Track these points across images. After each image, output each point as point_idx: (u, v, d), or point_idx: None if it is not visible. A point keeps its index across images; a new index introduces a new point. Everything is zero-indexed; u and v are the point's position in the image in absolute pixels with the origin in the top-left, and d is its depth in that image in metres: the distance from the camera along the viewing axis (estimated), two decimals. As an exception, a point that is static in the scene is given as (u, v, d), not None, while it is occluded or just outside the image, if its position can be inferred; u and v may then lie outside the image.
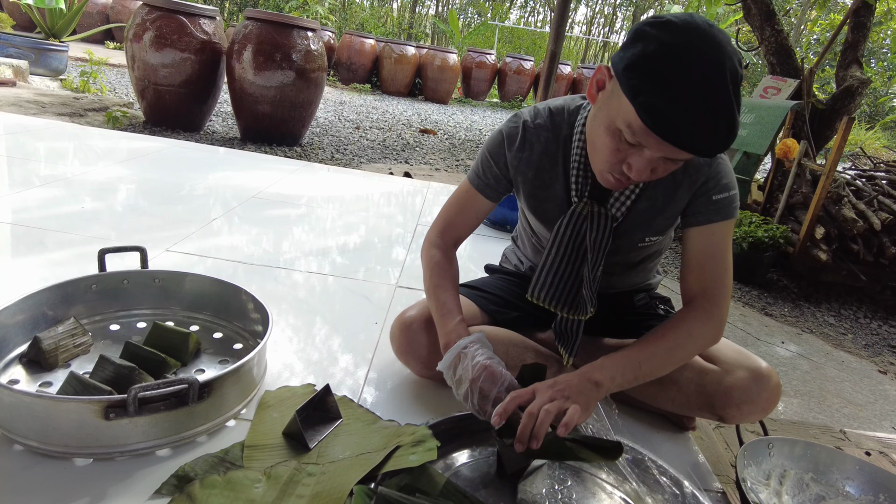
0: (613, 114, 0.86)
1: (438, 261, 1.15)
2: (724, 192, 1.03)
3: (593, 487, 0.97)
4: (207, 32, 3.81)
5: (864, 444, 1.59)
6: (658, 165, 0.88)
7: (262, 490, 0.85)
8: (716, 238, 1.04)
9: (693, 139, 0.80)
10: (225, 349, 1.21)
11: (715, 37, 0.80)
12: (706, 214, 1.04)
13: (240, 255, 1.80)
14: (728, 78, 0.79)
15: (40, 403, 0.85)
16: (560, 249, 1.08)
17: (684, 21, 0.81)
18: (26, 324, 1.08)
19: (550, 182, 1.10)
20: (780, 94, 3.73)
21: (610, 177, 0.94)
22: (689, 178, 1.03)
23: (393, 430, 1.01)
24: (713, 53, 0.79)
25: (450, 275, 1.14)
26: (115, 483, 0.84)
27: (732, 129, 0.81)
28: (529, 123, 1.10)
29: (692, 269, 1.05)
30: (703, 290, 1.03)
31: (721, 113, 0.80)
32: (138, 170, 2.58)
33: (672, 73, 0.79)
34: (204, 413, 0.94)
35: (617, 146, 0.88)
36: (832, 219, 2.99)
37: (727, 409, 1.09)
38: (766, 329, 2.37)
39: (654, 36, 0.81)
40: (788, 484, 1.10)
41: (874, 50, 14.48)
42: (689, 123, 0.79)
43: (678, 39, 0.80)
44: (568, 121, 1.08)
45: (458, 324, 1.05)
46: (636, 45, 0.82)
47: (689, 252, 1.06)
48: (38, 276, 1.45)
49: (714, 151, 0.82)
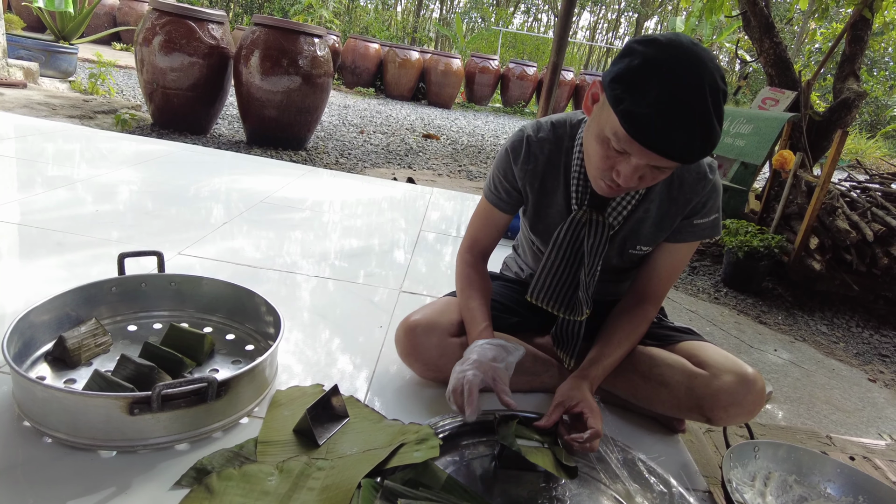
0: (603, 123, 0.94)
1: (467, 274, 1.26)
2: (707, 217, 1.14)
3: (586, 485, 1.03)
4: (215, 37, 3.88)
5: (849, 448, 1.65)
6: (645, 173, 0.95)
7: (276, 482, 0.91)
8: (681, 255, 1.19)
9: (668, 145, 0.87)
10: (238, 350, 1.27)
11: (697, 54, 0.88)
12: (683, 234, 1.15)
13: (249, 258, 1.86)
14: (706, 90, 0.86)
15: (71, 399, 0.91)
16: (559, 254, 1.16)
17: (669, 39, 0.89)
18: (52, 323, 1.14)
19: (553, 190, 1.18)
20: (778, 105, 3.79)
21: (602, 183, 1.01)
22: (684, 195, 1.11)
23: (398, 429, 1.06)
24: (693, 68, 0.87)
25: (479, 286, 1.24)
26: (139, 474, 0.90)
27: (709, 139, 0.88)
28: (532, 137, 1.18)
29: (651, 276, 1.21)
30: (653, 295, 1.21)
31: (697, 122, 0.86)
32: (147, 173, 2.64)
33: (652, 83, 0.86)
34: (221, 410, 1.00)
35: (606, 153, 0.96)
36: (826, 229, 3.04)
37: (715, 410, 1.14)
38: (759, 336, 2.43)
39: (640, 51, 0.89)
40: (772, 485, 1.16)
41: (876, 59, 14.55)
42: (665, 130, 0.86)
43: (661, 54, 0.87)
44: (570, 133, 1.16)
45: (484, 330, 1.14)
46: (623, 60, 0.90)
47: (655, 261, 1.20)
48: (57, 276, 1.51)
49: (693, 158, 0.89)
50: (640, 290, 1.22)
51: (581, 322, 1.20)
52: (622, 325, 1.19)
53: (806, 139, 3.54)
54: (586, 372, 1.13)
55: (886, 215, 3.04)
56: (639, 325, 1.19)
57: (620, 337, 1.18)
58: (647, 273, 1.22)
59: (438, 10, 21.26)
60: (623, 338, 1.18)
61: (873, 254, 2.98)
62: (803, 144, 3.50)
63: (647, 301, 1.21)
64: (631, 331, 1.18)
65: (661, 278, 1.21)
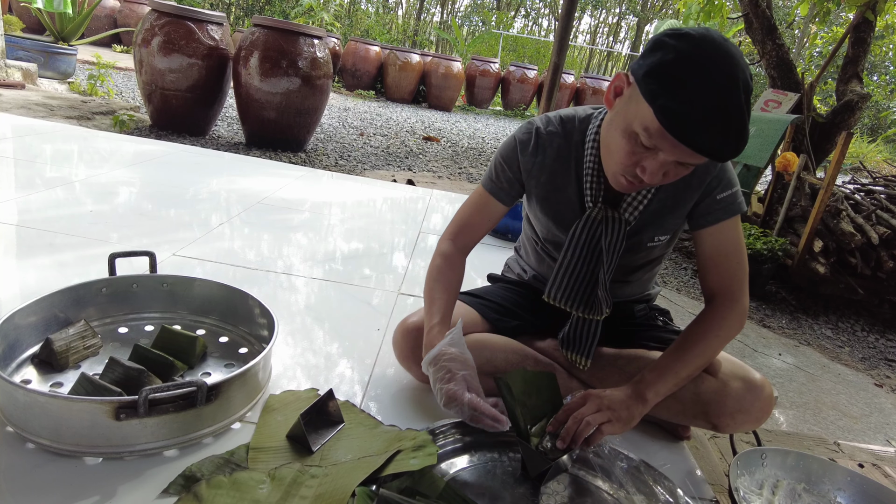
0: (631, 117, 0.91)
1: (439, 264, 1.20)
2: (728, 190, 1.09)
3: (590, 494, 0.99)
4: (215, 38, 3.86)
5: (858, 455, 1.61)
6: (670, 169, 0.93)
7: (267, 491, 0.87)
8: (725, 236, 1.09)
9: (706, 142, 0.85)
10: (231, 353, 1.24)
11: (729, 50, 0.86)
12: (714, 214, 1.09)
13: (244, 259, 1.83)
14: (741, 88, 0.85)
15: (54, 403, 0.87)
16: (576, 252, 1.13)
17: (701, 34, 0.87)
18: (38, 325, 1.11)
19: (563, 185, 1.15)
20: (781, 107, 3.77)
21: (623, 179, 0.98)
22: (696, 177, 1.08)
23: (394, 435, 1.03)
24: (727, 64, 0.85)
25: (447, 276, 1.18)
26: (125, 482, 0.87)
27: (742, 136, 0.86)
28: (542, 130, 1.15)
29: (709, 269, 1.11)
30: (722, 289, 1.09)
31: (733, 119, 0.85)
32: (145, 173, 2.61)
33: (688, 79, 0.84)
34: (211, 415, 0.97)
35: (632, 149, 0.93)
36: (831, 232, 3.01)
37: (721, 417, 1.11)
38: (763, 341, 2.40)
39: (672, 46, 0.86)
40: (781, 494, 1.12)
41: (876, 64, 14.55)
42: (703, 127, 0.84)
43: (695, 49, 0.85)
44: (579, 128, 1.13)
45: (437, 324, 1.09)
46: (655, 54, 0.88)
47: (704, 253, 1.11)
48: (48, 277, 1.48)
49: (726, 156, 0.87)
50: (708, 293, 1.12)
51: (598, 321, 1.16)
52: (689, 328, 1.08)
53: (809, 141, 3.51)
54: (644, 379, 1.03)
55: (891, 218, 3.01)
56: (711, 322, 1.06)
57: (684, 339, 1.06)
58: (705, 271, 1.12)
59: (439, 13, 21.30)
60: (688, 340, 1.06)
61: (878, 257, 2.95)
62: (806, 147, 3.47)
63: (716, 298, 1.09)
64: (700, 330, 1.06)
65: (721, 266, 1.09)
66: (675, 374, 1.04)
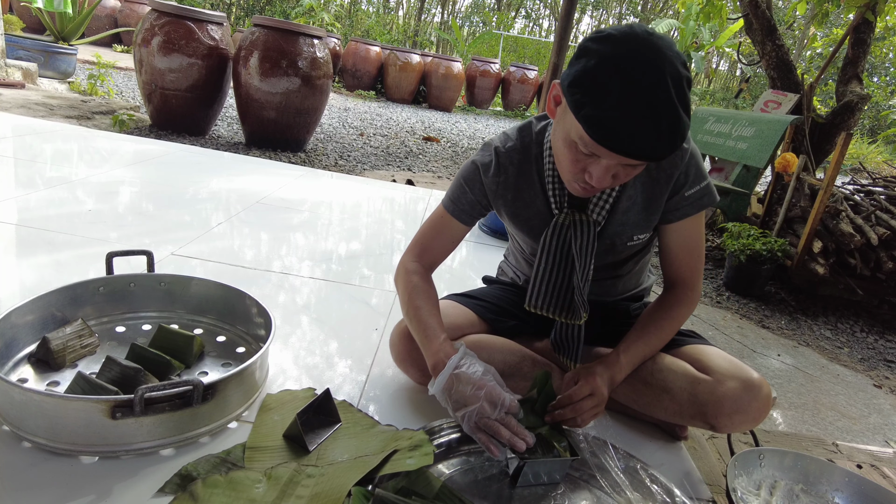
0: (568, 127, 0.91)
1: (416, 284, 1.16)
2: (696, 185, 1.09)
3: (586, 494, 0.99)
4: (215, 38, 3.86)
5: (856, 456, 1.61)
6: (618, 171, 0.92)
7: (263, 490, 0.87)
8: (689, 232, 1.14)
9: (635, 145, 0.84)
10: (228, 352, 1.24)
11: (654, 44, 0.84)
12: (681, 210, 1.11)
13: (243, 259, 1.83)
14: (669, 81, 0.83)
15: (50, 402, 0.87)
16: (549, 259, 1.13)
17: (623, 33, 0.85)
18: (35, 324, 1.11)
19: (531, 199, 1.15)
20: (781, 108, 3.77)
21: (576, 185, 0.99)
22: (664, 172, 1.08)
23: (391, 435, 1.03)
24: (651, 60, 0.83)
25: (429, 297, 1.16)
26: (120, 481, 0.87)
27: (677, 131, 0.85)
28: (501, 149, 1.15)
29: (672, 261, 1.18)
30: (681, 279, 1.17)
31: (662, 116, 0.83)
32: (144, 173, 2.61)
33: (610, 83, 0.83)
34: (207, 414, 0.97)
35: (575, 157, 0.93)
36: (830, 233, 3.01)
37: (719, 417, 1.11)
38: (762, 341, 2.39)
39: (595, 50, 0.85)
40: (778, 494, 1.12)
41: (876, 65, 14.55)
42: (631, 131, 0.83)
43: (617, 51, 0.84)
44: (536, 139, 1.14)
45: (444, 342, 1.06)
46: (580, 61, 0.87)
47: (668, 246, 1.17)
48: (45, 276, 1.48)
49: (662, 155, 0.86)
50: (667, 280, 1.20)
51: (580, 326, 1.16)
52: (651, 312, 1.16)
53: (809, 142, 3.51)
54: (609, 358, 1.10)
55: (891, 219, 3.00)
56: (671, 310, 1.15)
57: (649, 324, 1.14)
58: (666, 262, 1.19)
59: (440, 14, 21.31)
60: (652, 325, 1.14)
61: (878, 258, 2.95)
62: (806, 147, 3.47)
63: (676, 287, 1.18)
64: (662, 317, 1.15)
65: (681, 260, 1.16)
66: (643, 356, 1.13)
